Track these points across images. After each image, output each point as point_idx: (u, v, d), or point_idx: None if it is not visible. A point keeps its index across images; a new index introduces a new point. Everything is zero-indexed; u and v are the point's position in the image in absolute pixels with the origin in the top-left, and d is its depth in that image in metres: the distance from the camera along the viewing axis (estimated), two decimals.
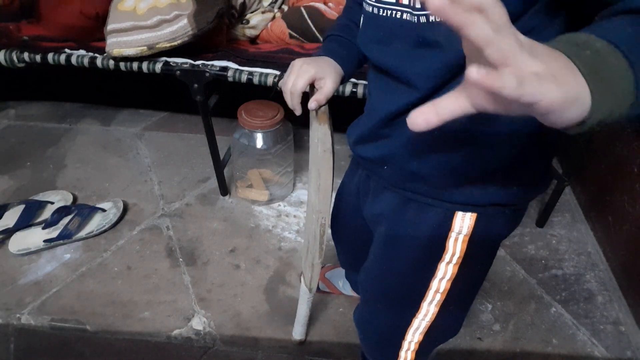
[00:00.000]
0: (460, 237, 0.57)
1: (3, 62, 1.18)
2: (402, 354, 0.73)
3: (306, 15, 1.27)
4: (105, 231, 1.33)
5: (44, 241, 1.25)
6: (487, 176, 0.53)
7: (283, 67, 1.12)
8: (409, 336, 0.70)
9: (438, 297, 0.63)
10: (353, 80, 1.07)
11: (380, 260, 0.70)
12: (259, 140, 1.33)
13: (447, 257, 0.59)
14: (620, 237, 1.26)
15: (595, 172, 1.41)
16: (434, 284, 0.62)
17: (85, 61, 1.16)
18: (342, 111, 0.88)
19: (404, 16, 0.47)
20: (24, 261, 1.25)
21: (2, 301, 1.15)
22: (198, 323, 1.12)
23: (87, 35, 1.22)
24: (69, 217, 1.29)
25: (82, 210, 1.32)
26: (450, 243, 0.58)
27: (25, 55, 1.17)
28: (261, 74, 1.11)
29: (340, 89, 1.06)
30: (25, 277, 1.20)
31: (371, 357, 0.83)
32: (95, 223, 1.32)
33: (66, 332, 1.12)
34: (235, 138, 1.37)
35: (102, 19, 1.16)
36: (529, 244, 1.37)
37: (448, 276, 0.60)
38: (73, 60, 1.16)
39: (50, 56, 1.16)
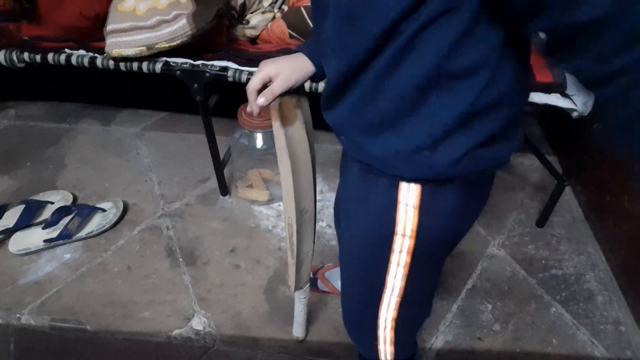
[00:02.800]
0: (410, 209, 0.57)
1: (3, 62, 1.18)
2: (380, 333, 0.74)
3: (306, 15, 1.27)
4: (105, 231, 1.34)
5: (44, 241, 1.25)
6: (425, 151, 0.52)
7: None
8: (382, 313, 0.71)
9: (401, 270, 0.63)
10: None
11: (347, 236, 0.71)
12: (259, 140, 1.33)
13: (399, 229, 0.59)
14: (620, 237, 1.26)
15: (595, 172, 1.41)
16: (394, 257, 0.62)
17: (85, 61, 1.16)
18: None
19: None
20: (24, 261, 1.25)
21: (2, 301, 1.15)
22: (198, 323, 1.12)
23: (86, 35, 1.22)
24: (69, 217, 1.29)
25: (82, 210, 1.32)
26: (400, 215, 0.58)
27: (25, 55, 1.17)
28: None
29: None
30: (25, 277, 1.21)
31: (357, 342, 0.84)
32: (95, 223, 1.32)
33: (66, 332, 1.12)
34: (235, 138, 1.37)
35: (101, 19, 1.16)
36: (529, 244, 1.37)
37: (405, 249, 0.61)
38: (73, 60, 1.16)
39: (50, 56, 1.17)
